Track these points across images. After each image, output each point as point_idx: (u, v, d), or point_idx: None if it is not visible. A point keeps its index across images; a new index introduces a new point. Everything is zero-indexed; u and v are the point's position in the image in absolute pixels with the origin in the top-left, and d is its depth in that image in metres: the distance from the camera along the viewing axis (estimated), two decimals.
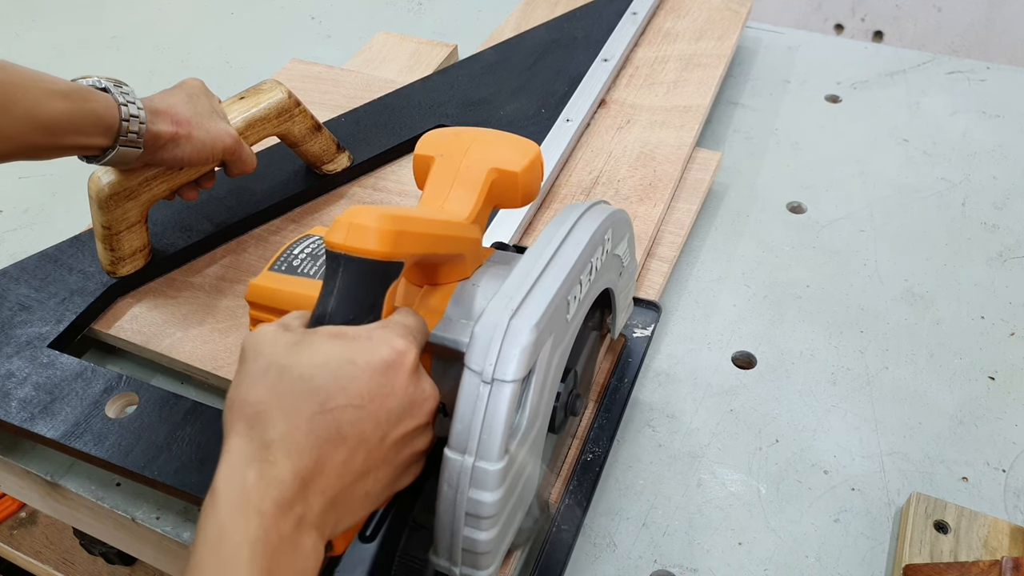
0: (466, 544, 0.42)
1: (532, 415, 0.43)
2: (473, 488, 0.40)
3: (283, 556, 0.33)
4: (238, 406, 0.37)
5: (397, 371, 0.39)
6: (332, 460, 0.36)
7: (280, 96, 0.72)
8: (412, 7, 1.21)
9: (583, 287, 0.47)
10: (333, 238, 0.40)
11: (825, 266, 0.78)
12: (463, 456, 0.40)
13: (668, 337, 0.71)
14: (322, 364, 0.37)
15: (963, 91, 1.00)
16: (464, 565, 0.43)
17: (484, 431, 0.40)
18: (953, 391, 0.67)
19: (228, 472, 0.34)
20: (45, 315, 0.66)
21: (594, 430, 0.60)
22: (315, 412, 0.36)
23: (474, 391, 0.40)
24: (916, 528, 0.55)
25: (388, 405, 0.38)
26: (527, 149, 0.51)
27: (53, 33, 1.16)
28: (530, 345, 0.40)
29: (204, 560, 0.32)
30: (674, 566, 0.56)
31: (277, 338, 0.38)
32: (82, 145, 0.57)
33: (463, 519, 0.41)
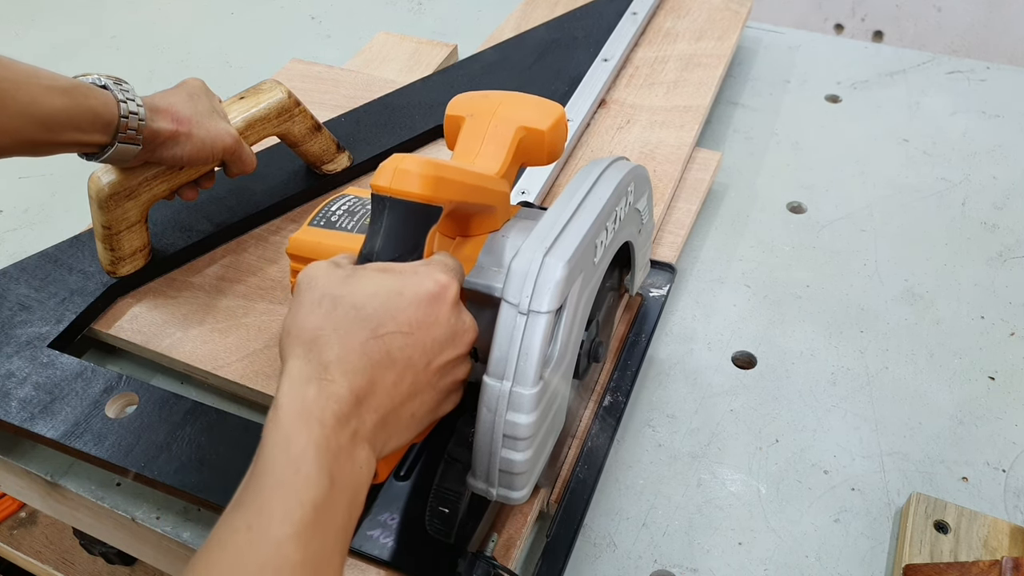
0: (503, 465, 0.45)
1: (563, 347, 0.46)
2: (511, 411, 0.43)
3: (342, 463, 0.36)
4: (295, 333, 0.39)
5: (441, 303, 0.42)
6: (383, 381, 0.39)
7: (280, 96, 0.72)
8: (412, 7, 1.21)
9: (608, 234, 0.50)
10: (379, 181, 0.44)
11: (825, 266, 0.78)
12: (501, 382, 0.43)
13: (668, 337, 0.71)
14: (372, 295, 0.40)
15: (963, 91, 1.00)
16: (500, 486, 0.46)
17: (520, 359, 0.43)
18: (953, 391, 0.67)
19: (289, 389, 0.37)
20: (45, 315, 0.66)
21: (614, 380, 0.63)
22: (368, 337, 0.39)
23: (511, 322, 0.43)
24: (916, 528, 0.55)
25: (433, 334, 0.41)
26: (552, 109, 0.54)
27: (53, 33, 1.16)
28: (563, 280, 0.44)
29: (272, 460, 0.35)
30: (674, 566, 0.56)
31: (330, 272, 0.41)
32: (81, 142, 0.57)
33: (501, 441, 0.44)
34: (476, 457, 0.46)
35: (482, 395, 0.44)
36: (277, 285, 0.71)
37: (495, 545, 0.52)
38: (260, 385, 0.62)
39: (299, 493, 0.34)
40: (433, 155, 0.85)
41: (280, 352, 0.39)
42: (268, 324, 0.67)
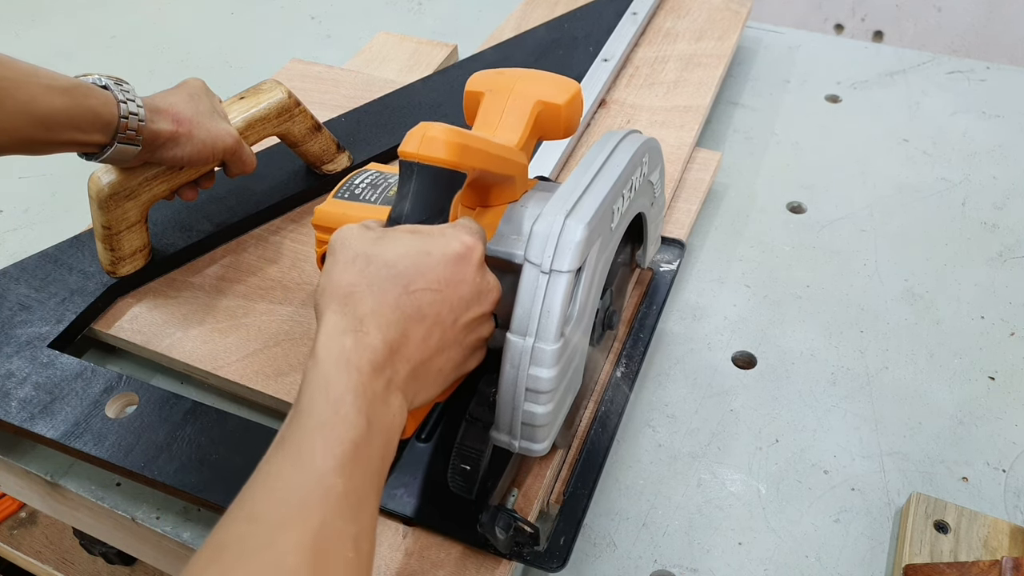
0: (525, 418, 0.47)
1: (581, 307, 0.48)
2: (533, 366, 0.46)
3: (377, 408, 0.38)
4: (331, 289, 0.41)
5: (467, 263, 0.44)
6: (414, 335, 0.41)
7: (280, 96, 0.72)
8: (412, 7, 1.21)
9: (624, 201, 0.52)
10: (407, 147, 0.47)
11: (825, 266, 0.78)
12: (524, 338, 0.46)
13: (668, 337, 0.71)
14: (404, 254, 0.42)
15: (963, 91, 1.00)
16: (523, 439, 0.48)
17: (543, 316, 0.45)
18: (953, 391, 0.67)
19: (327, 340, 0.39)
20: (45, 315, 0.66)
21: (626, 349, 0.66)
22: (400, 293, 0.41)
23: (533, 281, 0.46)
24: (916, 528, 0.55)
25: (460, 292, 0.43)
26: (569, 85, 0.55)
27: (53, 33, 1.16)
28: (583, 240, 0.46)
29: (312, 403, 0.36)
30: (674, 566, 0.56)
31: (362, 233, 0.43)
32: (80, 141, 0.57)
33: (523, 395, 0.46)
34: (499, 411, 0.48)
35: (505, 351, 0.46)
36: (277, 285, 0.71)
37: (515, 500, 0.54)
38: (260, 385, 0.62)
39: (339, 431, 0.35)
40: None
41: (316, 308, 0.41)
42: (268, 324, 0.67)
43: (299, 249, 0.74)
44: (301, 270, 0.72)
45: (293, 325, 0.67)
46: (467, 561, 0.52)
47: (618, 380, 0.63)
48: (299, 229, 0.76)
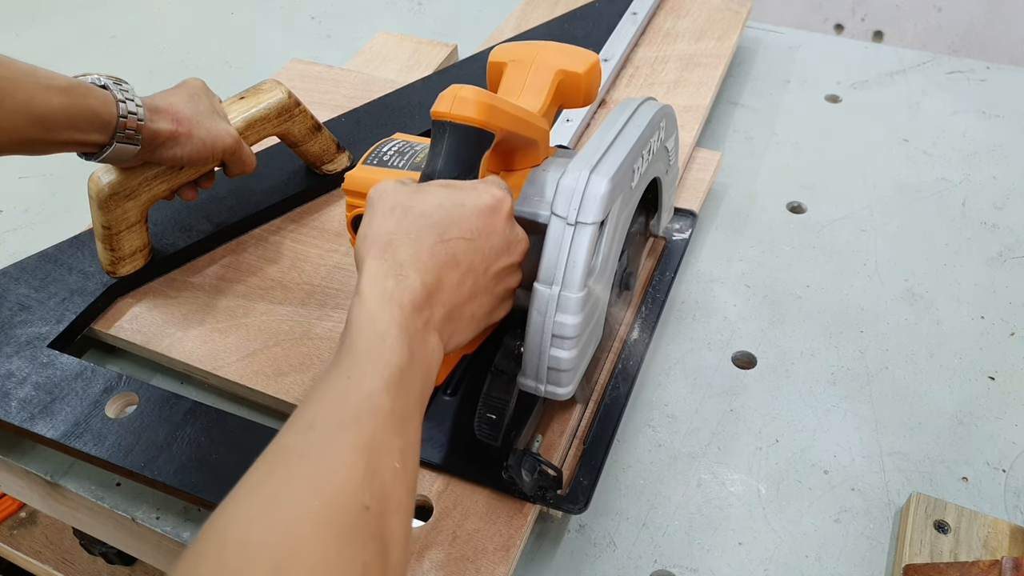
0: (551, 363, 0.50)
1: (604, 260, 0.51)
2: (559, 313, 0.49)
3: (417, 343, 0.41)
4: (372, 238, 0.44)
5: (497, 215, 0.47)
6: (449, 280, 0.44)
7: (280, 96, 0.72)
8: (412, 7, 1.21)
9: (644, 162, 0.55)
10: (439, 108, 0.49)
11: (825, 266, 0.78)
12: (551, 287, 0.48)
13: (668, 337, 0.71)
14: (438, 205, 0.45)
15: (963, 91, 1.00)
16: (548, 383, 0.51)
17: (568, 266, 0.48)
18: (953, 391, 0.67)
19: (370, 283, 0.41)
20: (45, 315, 0.66)
21: (642, 312, 0.69)
22: (435, 241, 0.44)
23: (560, 233, 0.48)
24: (916, 528, 0.55)
25: (491, 242, 0.46)
26: (588, 56, 0.58)
27: (53, 33, 1.16)
28: (606, 194, 0.48)
29: (360, 334, 0.39)
30: (674, 566, 0.56)
31: (399, 187, 0.46)
32: (79, 141, 0.57)
33: (550, 341, 0.49)
34: (527, 357, 0.51)
35: (533, 300, 0.49)
36: (277, 285, 0.71)
37: (539, 446, 0.58)
38: (260, 385, 0.62)
39: (386, 357, 0.38)
40: None
41: (357, 257, 0.44)
42: (268, 324, 0.67)
43: (299, 249, 0.74)
44: (301, 270, 0.72)
45: (293, 325, 0.67)
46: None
47: (634, 341, 0.66)
48: (299, 229, 0.76)
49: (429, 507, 0.55)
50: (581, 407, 0.61)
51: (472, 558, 0.52)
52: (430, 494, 0.55)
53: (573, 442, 0.60)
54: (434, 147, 0.50)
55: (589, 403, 0.62)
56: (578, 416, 0.61)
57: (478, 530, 0.53)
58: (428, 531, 0.53)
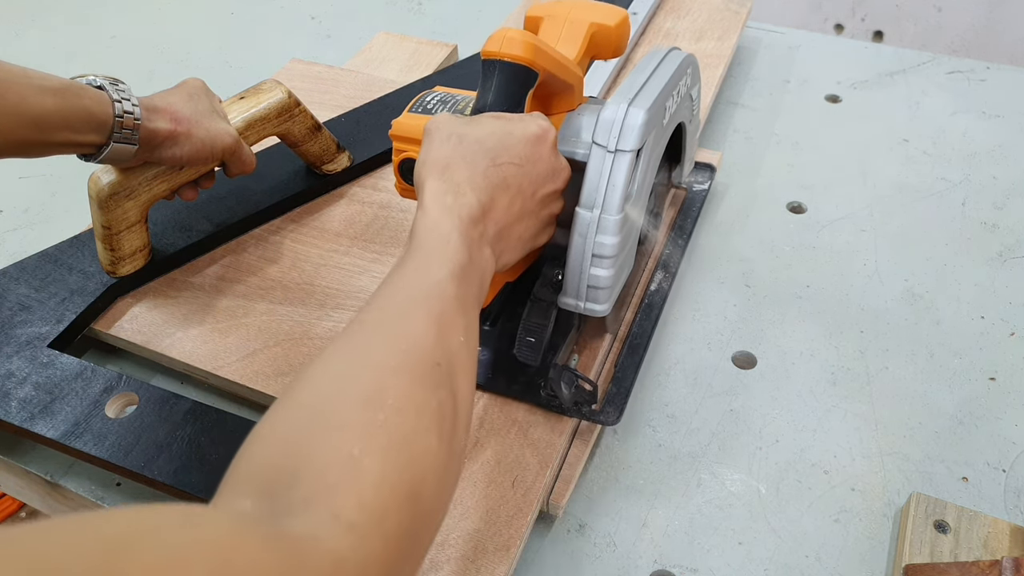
0: (591, 281, 0.55)
1: (639, 186, 0.55)
2: (599, 234, 0.53)
3: (475, 250, 0.45)
4: (431, 163, 0.48)
5: (543, 143, 0.51)
6: (500, 201, 0.48)
7: (280, 96, 0.72)
8: (412, 7, 1.21)
9: (673, 101, 0.59)
10: (489, 48, 0.53)
11: (825, 266, 0.77)
12: (592, 211, 0.53)
13: (668, 337, 0.71)
14: (490, 133, 0.49)
15: (963, 91, 1.00)
16: (588, 301, 0.56)
17: (608, 190, 0.53)
18: (953, 391, 0.67)
19: (432, 199, 0.46)
20: (45, 315, 0.66)
21: (665, 253, 0.74)
22: (488, 165, 0.48)
23: (600, 160, 0.53)
24: (916, 528, 0.55)
25: (538, 168, 0.50)
26: (618, 11, 0.62)
27: (53, 33, 1.16)
28: (643, 124, 0.53)
29: (425, 237, 0.44)
30: (674, 566, 0.56)
31: (453, 119, 0.50)
32: (75, 142, 0.57)
33: (590, 261, 0.54)
34: (568, 278, 0.56)
35: (575, 224, 0.54)
36: (277, 285, 0.71)
37: (576, 363, 0.63)
38: (260, 385, 0.62)
39: (449, 254, 0.43)
40: None
41: (417, 180, 0.48)
42: (268, 324, 0.67)
43: (299, 249, 0.74)
44: (301, 270, 0.72)
45: (293, 325, 0.67)
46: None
47: (659, 280, 0.71)
48: (299, 229, 0.76)
49: None
50: (611, 337, 0.67)
51: (472, 558, 0.52)
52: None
53: (604, 365, 0.65)
54: (484, 84, 0.54)
55: (618, 334, 0.68)
56: (608, 344, 0.66)
57: (478, 530, 0.53)
58: None
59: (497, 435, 0.58)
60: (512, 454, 0.57)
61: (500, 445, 0.58)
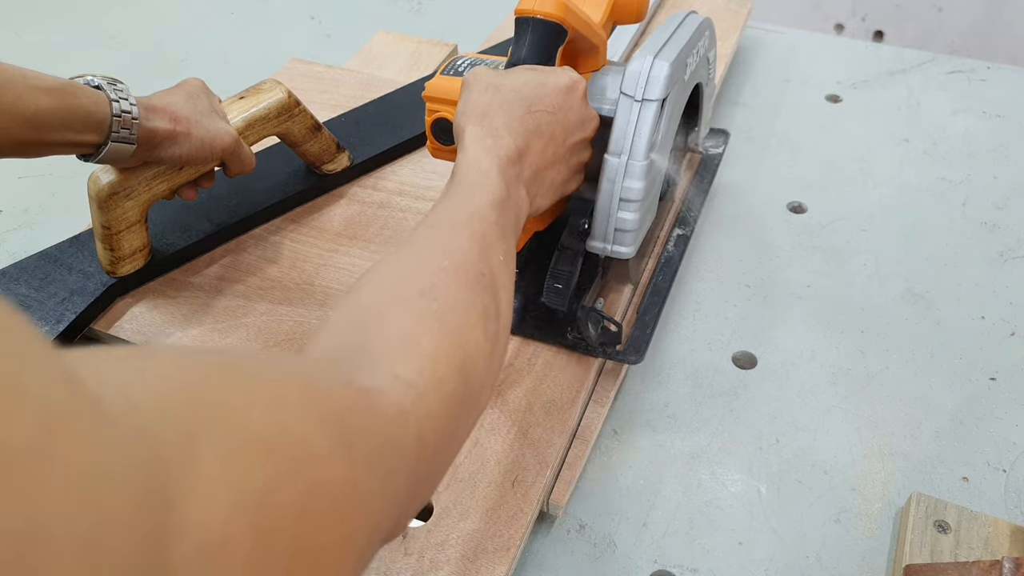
0: (618, 225, 0.59)
1: (663, 136, 0.59)
2: (627, 179, 0.57)
3: (512, 187, 0.48)
4: (470, 111, 0.51)
5: (574, 93, 0.54)
6: (535, 145, 0.51)
7: (280, 96, 0.72)
8: (412, 7, 1.21)
9: (694, 59, 0.62)
10: (524, 6, 0.57)
11: (825, 266, 0.77)
12: (619, 157, 0.57)
13: (668, 337, 0.71)
14: (525, 82, 0.53)
15: (963, 91, 1.00)
16: (615, 244, 0.60)
17: (635, 137, 0.56)
18: (953, 391, 0.67)
19: (472, 141, 0.49)
20: (45, 315, 0.66)
21: (682, 212, 0.77)
22: (524, 112, 0.51)
23: (628, 109, 0.57)
24: (916, 528, 0.55)
25: (569, 117, 0.54)
26: None
27: (53, 33, 1.16)
28: (668, 75, 0.56)
29: (467, 173, 0.47)
30: (674, 566, 0.56)
31: (490, 71, 0.54)
32: (73, 142, 0.57)
33: (617, 205, 0.58)
34: (596, 223, 0.60)
35: (604, 170, 0.58)
36: (277, 285, 0.71)
37: (603, 306, 0.66)
38: None
39: (489, 187, 0.46)
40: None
41: (457, 128, 0.51)
42: (268, 324, 0.67)
43: (299, 249, 0.74)
44: (301, 270, 0.72)
45: (293, 325, 0.67)
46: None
47: (677, 237, 0.75)
48: (299, 229, 0.76)
49: (429, 507, 0.55)
50: (632, 287, 0.70)
51: (472, 558, 0.52)
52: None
53: (627, 313, 0.70)
54: (517, 41, 0.58)
55: (639, 285, 0.72)
56: (629, 295, 0.70)
57: (478, 530, 0.53)
58: (428, 531, 0.53)
59: (497, 434, 0.58)
60: (512, 454, 0.57)
61: (500, 445, 0.58)
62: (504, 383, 0.62)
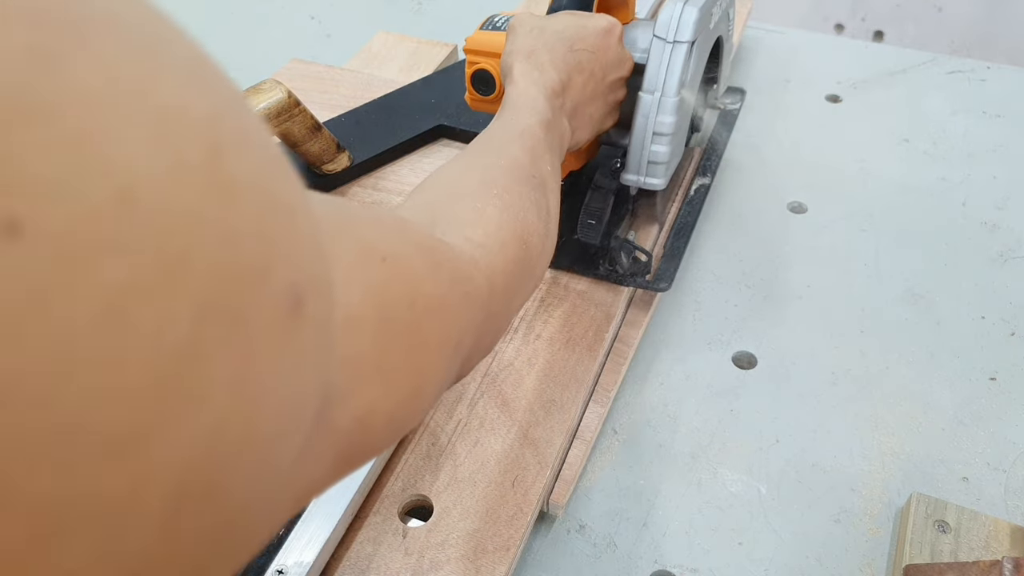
0: (651, 157, 0.65)
1: (692, 76, 0.64)
2: (660, 114, 0.63)
3: (557, 115, 0.53)
4: (517, 51, 0.56)
5: (612, 35, 0.59)
6: (576, 81, 0.56)
7: (280, 96, 0.72)
8: (412, 7, 1.21)
9: (718, 11, 0.67)
10: None
11: (825, 266, 0.77)
12: (653, 94, 0.63)
13: (668, 337, 0.71)
14: (567, 25, 0.58)
15: (963, 91, 1.00)
16: (647, 176, 0.66)
17: (667, 76, 0.62)
18: (953, 391, 0.67)
19: (519, 75, 0.54)
20: None
21: (703, 162, 0.84)
22: (566, 50, 0.56)
23: (661, 50, 0.62)
24: (916, 528, 0.55)
25: (607, 56, 0.59)
26: None
27: None
28: (697, 20, 0.61)
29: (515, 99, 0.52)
30: (674, 566, 0.56)
31: (534, 15, 0.59)
32: None
33: (651, 139, 0.64)
34: (630, 157, 0.66)
35: (638, 107, 0.63)
36: None
37: (635, 237, 0.73)
38: None
39: (536, 110, 0.51)
40: (434, 156, 0.85)
41: (504, 66, 0.56)
42: None
43: None
44: None
45: None
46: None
47: (700, 182, 0.82)
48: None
49: (429, 507, 0.55)
50: (658, 227, 0.76)
51: (472, 558, 0.52)
52: (430, 493, 0.55)
53: (655, 248, 0.75)
54: None
55: (664, 225, 0.78)
56: (656, 231, 0.76)
57: (478, 529, 0.53)
58: (428, 531, 0.53)
59: (497, 434, 0.58)
60: (512, 454, 0.57)
61: (500, 445, 0.58)
62: (505, 382, 0.62)
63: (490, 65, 0.64)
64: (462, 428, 0.59)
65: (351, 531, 0.53)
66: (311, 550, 0.50)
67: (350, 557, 0.52)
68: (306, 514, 0.52)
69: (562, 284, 0.70)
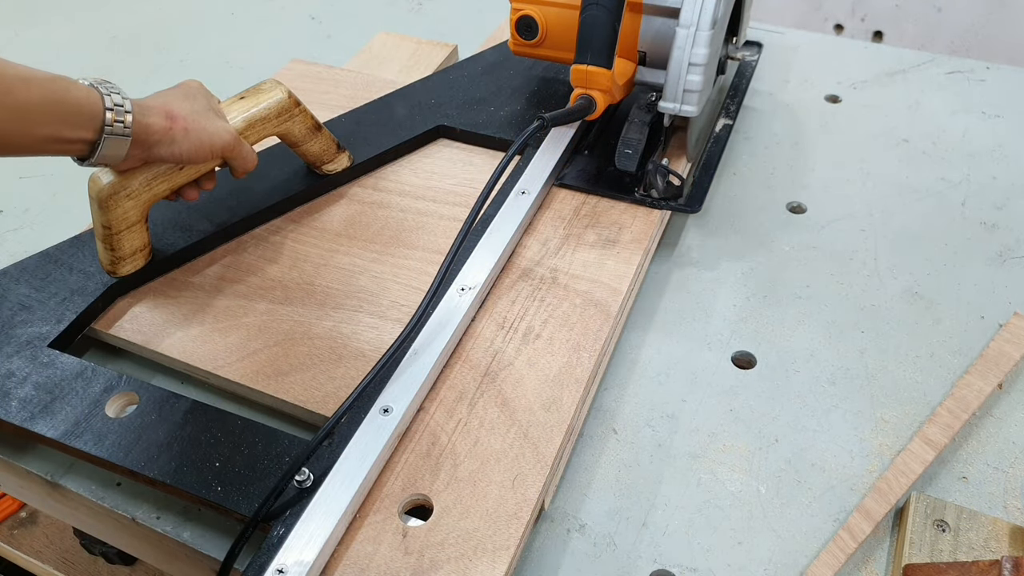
0: (687, 86, 0.73)
1: (722, 15, 0.73)
2: (695, 46, 0.71)
3: None
4: None
5: None
6: None
7: (280, 96, 0.72)
8: (412, 7, 1.21)
9: None
10: None
11: (825, 266, 0.78)
12: (688, 28, 0.70)
13: (668, 337, 0.71)
14: None
15: (963, 91, 1.00)
16: (683, 103, 0.74)
17: (702, 11, 0.70)
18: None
19: None
20: (45, 315, 0.66)
21: (726, 104, 0.92)
22: None
23: None
24: (916, 528, 0.55)
25: None
26: None
27: (52, 33, 1.16)
28: None
29: None
30: (674, 566, 0.56)
31: None
32: (66, 138, 0.56)
33: (687, 69, 0.72)
34: (667, 87, 0.73)
35: (675, 41, 0.71)
36: (277, 285, 0.71)
37: (668, 163, 0.77)
38: (260, 385, 0.62)
39: None
40: (433, 157, 0.85)
41: None
42: (268, 324, 0.67)
43: (299, 249, 0.74)
44: (301, 270, 0.72)
45: (293, 325, 0.67)
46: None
47: (723, 126, 0.89)
48: (299, 229, 0.76)
49: (429, 506, 0.55)
50: (688, 163, 0.82)
51: (471, 557, 0.52)
52: (430, 492, 0.55)
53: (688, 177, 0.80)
54: None
55: (693, 161, 0.83)
56: (686, 162, 0.82)
57: (477, 529, 0.53)
58: (428, 530, 0.53)
59: (497, 434, 0.58)
60: (512, 454, 0.57)
61: (500, 445, 0.58)
62: (505, 382, 0.62)
63: (534, 10, 0.71)
64: (462, 428, 0.59)
65: (351, 530, 0.53)
66: (311, 549, 0.50)
67: (350, 556, 0.52)
68: (306, 514, 0.52)
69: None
